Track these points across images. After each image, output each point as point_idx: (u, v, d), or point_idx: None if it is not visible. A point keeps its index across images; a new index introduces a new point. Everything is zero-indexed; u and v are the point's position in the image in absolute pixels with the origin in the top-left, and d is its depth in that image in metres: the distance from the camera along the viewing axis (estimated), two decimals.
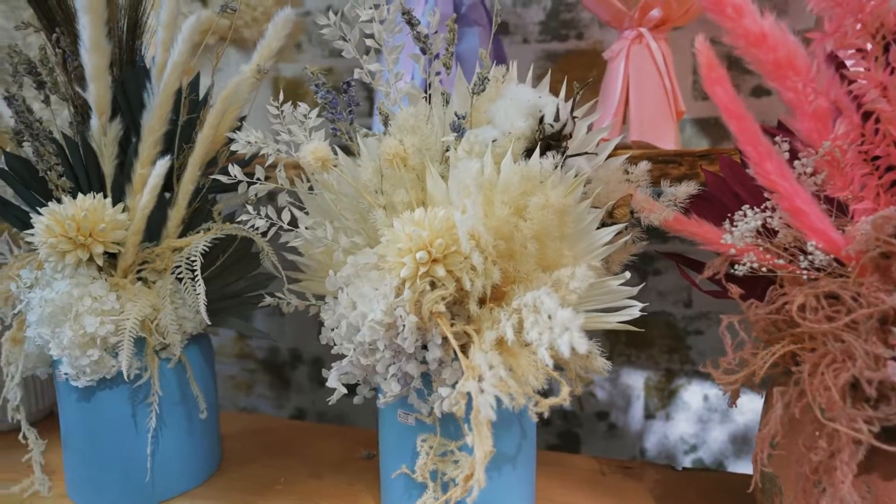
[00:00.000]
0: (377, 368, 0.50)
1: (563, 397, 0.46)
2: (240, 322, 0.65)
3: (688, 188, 0.54)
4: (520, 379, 0.46)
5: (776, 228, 0.49)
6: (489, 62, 0.57)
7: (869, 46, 0.42)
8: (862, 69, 0.42)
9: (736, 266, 0.48)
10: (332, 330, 0.52)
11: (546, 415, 0.46)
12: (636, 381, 1.11)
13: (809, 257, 0.45)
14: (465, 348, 0.48)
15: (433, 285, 0.48)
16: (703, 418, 1.08)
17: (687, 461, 1.08)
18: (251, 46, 0.98)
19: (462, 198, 0.46)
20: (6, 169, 0.58)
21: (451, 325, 0.49)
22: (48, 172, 0.58)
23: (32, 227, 0.55)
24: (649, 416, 1.11)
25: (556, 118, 0.51)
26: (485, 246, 0.47)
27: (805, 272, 0.46)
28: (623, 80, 0.75)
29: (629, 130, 0.74)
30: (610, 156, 0.60)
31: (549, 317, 0.41)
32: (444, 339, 0.49)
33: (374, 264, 0.51)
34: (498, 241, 0.49)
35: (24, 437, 0.63)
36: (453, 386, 0.47)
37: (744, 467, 1.03)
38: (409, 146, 0.54)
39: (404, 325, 0.47)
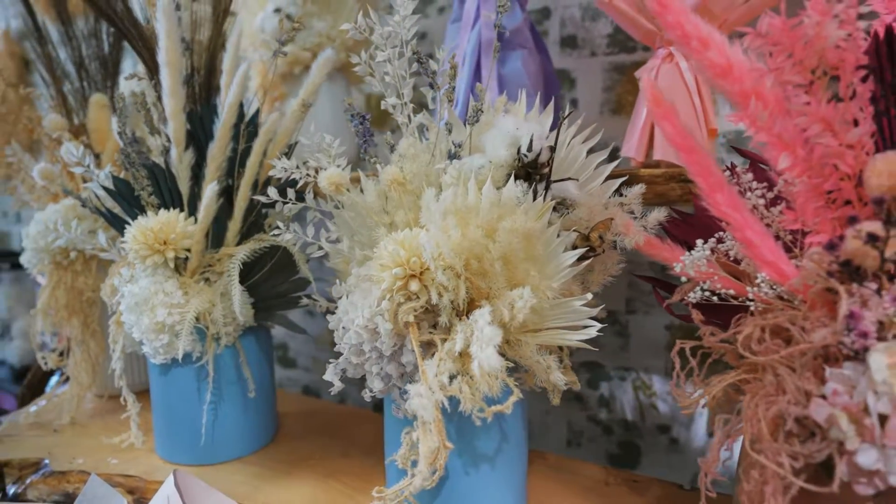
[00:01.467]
0: (365, 367, 0.58)
1: (507, 406, 0.50)
2: (283, 317, 0.77)
3: (658, 214, 0.56)
4: (473, 385, 0.52)
5: (738, 258, 0.49)
6: (484, 95, 0.62)
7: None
8: (804, 103, 0.42)
9: (693, 292, 0.49)
10: (335, 332, 0.61)
11: (489, 419, 0.51)
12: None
13: (755, 289, 0.46)
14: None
15: (410, 298, 0.55)
16: None
17: None
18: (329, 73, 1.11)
19: (428, 222, 0.53)
20: (115, 188, 0.75)
21: (430, 332, 0.56)
22: (141, 192, 0.73)
23: None
24: (712, 433, 1.07)
25: (530, 148, 0.56)
26: (450, 264, 0.53)
27: (751, 302, 0.46)
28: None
29: (654, 149, 0.75)
30: (637, 175, 0.63)
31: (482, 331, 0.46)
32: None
33: (367, 276, 0.59)
34: (471, 261, 0.54)
35: (125, 400, 0.80)
36: None
37: None
38: (408, 172, 0.61)
39: (381, 331, 0.55)
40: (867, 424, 0.37)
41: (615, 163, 0.64)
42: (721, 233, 0.51)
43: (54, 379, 1.06)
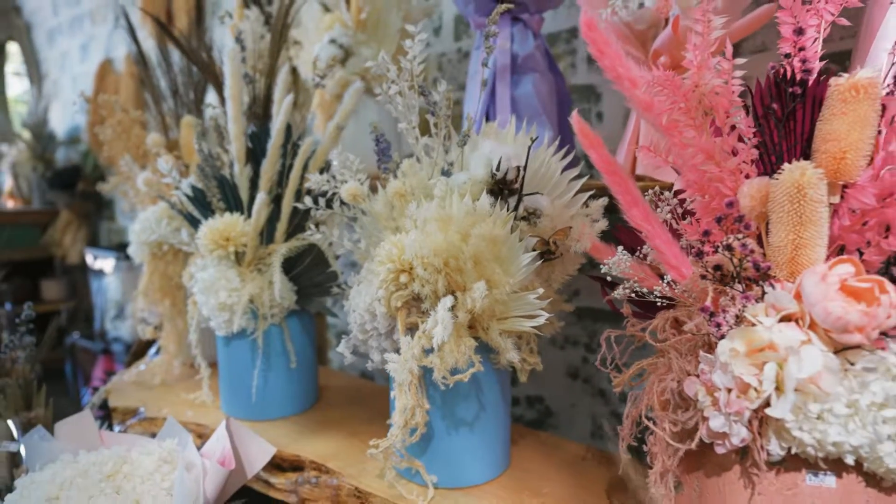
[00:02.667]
0: (368, 343, 0.73)
1: (465, 375, 0.63)
2: (320, 303, 0.93)
3: (601, 224, 0.66)
4: (449, 360, 0.65)
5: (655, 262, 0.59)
6: (472, 120, 0.75)
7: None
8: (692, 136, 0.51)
9: (618, 290, 0.60)
10: (348, 314, 0.76)
11: (450, 385, 0.63)
12: None
13: (659, 287, 0.55)
14: None
15: (400, 288, 0.69)
16: None
17: None
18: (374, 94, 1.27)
19: (412, 227, 0.66)
20: (193, 195, 0.94)
21: (417, 316, 0.69)
22: (212, 198, 0.92)
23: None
24: None
25: (498, 169, 0.68)
26: (430, 262, 0.66)
27: (660, 298, 0.56)
28: (636, 119, 0.85)
29: (637, 165, 0.84)
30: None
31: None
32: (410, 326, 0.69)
33: (371, 270, 0.73)
34: (450, 259, 0.67)
35: (199, 366, 0.99)
36: None
37: None
38: (409, 186, 0.75)
39: (377, 314, 0.69)
40: (716, 396, 0.47)
41: (584, 178, 0.74)
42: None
43: (153, 350, 1.29)
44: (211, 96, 1.25)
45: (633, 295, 0.59)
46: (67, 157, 2.96)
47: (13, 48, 3.27)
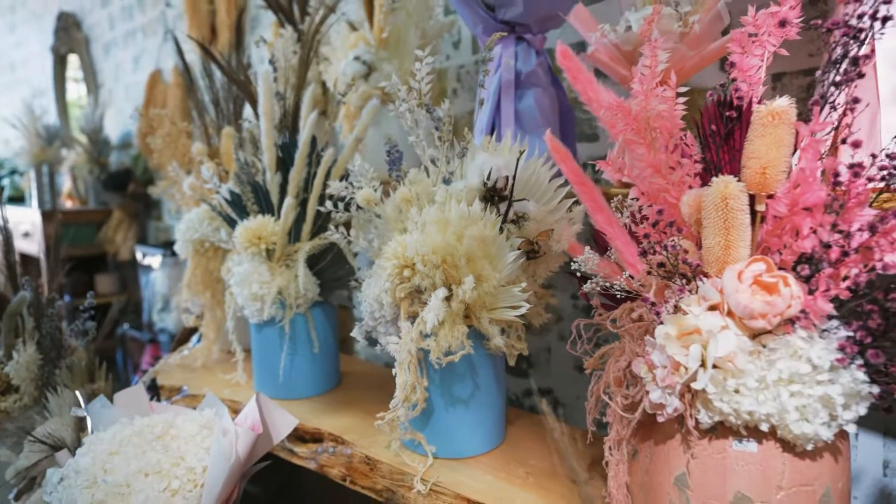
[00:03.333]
0: (377, 328, 0.83)
1: (456, 356, 0.73)
2: (340, 295, 1.04)
3: (576, 227, 0.75)
4: (443, 342, 0.75)
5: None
6: (470, 135, 0.85)
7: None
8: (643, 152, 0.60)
9: (588, 284, 0.69)
10: (361, 303, 0.86)
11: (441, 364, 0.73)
12: None
13: (618, 282, 0.64)
14: None
15: (403, 281, 0.79)
16: None
17: None
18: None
19: (413, 229, 0.77)
20: (228, 200, 1.07)
21: (421, 305, 0.80)
22: (247, 202, 1.04)
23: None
24: None
25: (489, 178, 0.77)
26: (428, 259, 0.76)
27: (619, 292, 0.65)
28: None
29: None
30: (609, 193, 0.82)
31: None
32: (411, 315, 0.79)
33: (380, 265, 0.84)
34: (447, 256, 0.78)
35: (234, 350, 1.12)
36: None
37: None
38: (415, 192, 0.85)
39: (384, 303, 0.80)
40: (655, 373, 0.56)
41: (569, 186, 0.83)
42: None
43: (195, 337, 1.43)
44: (248, 109, 1.38)
45: (600, 288, 0.68)
46: (120, 161, 3.17)
47: (73, 59, 3.52)
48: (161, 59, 2.78)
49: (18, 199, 3.81)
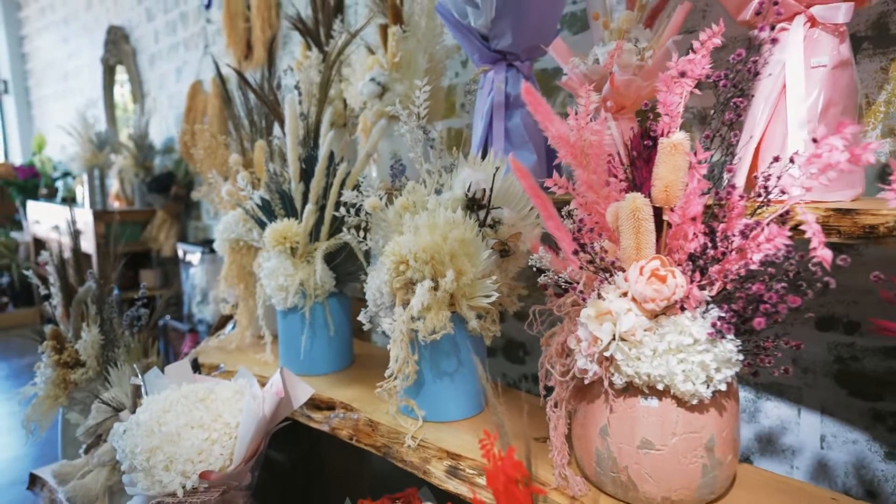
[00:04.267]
0: (379, 314, 1.01)
1: (437, 335, 0.90)
2: (353, 287, 1.22)
3: (539, 230, 0.91)
4: (430, 325, 0.92)
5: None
6: (457, 152, 1.02)
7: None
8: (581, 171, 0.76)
9: (542, 277, 0.85)
10: (367, 292, 1.04)
11: (427, 339, 0.90)
12: None
13: (563, 275, 0.80)
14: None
15: (399, 274, 0.96)
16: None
17: None
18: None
19: (407, 231, 0.94)
20: (259, 205, 1.26)
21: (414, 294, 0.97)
22: (275, 207, 1.23)
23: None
24: None
25: (469, 190, 0.94)
26: (419, 257, 0.93)
27: (565, 283, 0.81)
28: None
29: None
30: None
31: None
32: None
33: (382, 261, 1.01)
34: (435, 255, 0.95)
35: (264, 334, 1.31)
36: None
37: (767, 464, 1.18)
38: (411, 201, 1.02)
39: (384, 292, 0.97)
40: (580, 346, 0.72)
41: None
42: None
43: (230, 324, 1.63)
44: (277, 125, 1.57)
45: (552, 280, 0.84)
46: (163, 165, 3.43)
47: (121, 70, 3.80)
48: (201, 70, 3.02)
49: (70, 199, 4.12)
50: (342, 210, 1.10)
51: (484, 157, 1.06)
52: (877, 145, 0.60)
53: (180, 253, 3.03)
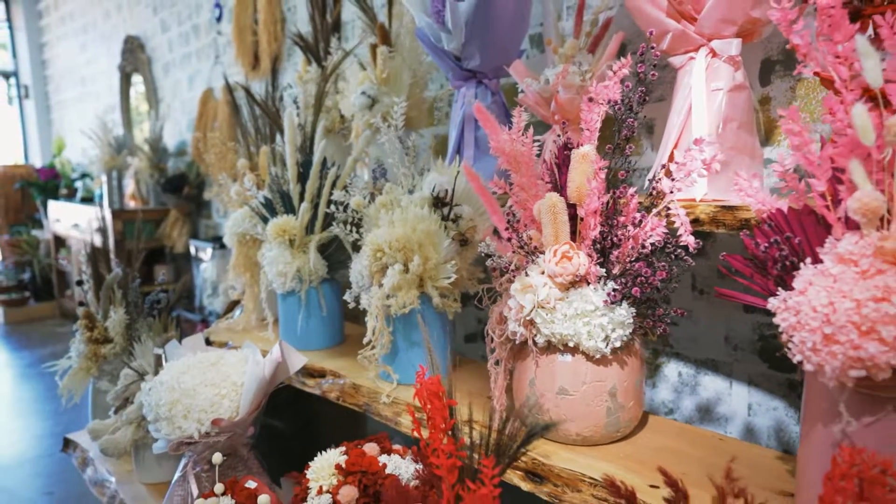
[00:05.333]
0: (361, 293, 1.21)
1: (406, 310, 1.10)
2: (344, 275, 1.42)
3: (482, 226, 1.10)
4: (401, 302, 1.11)
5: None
6: (441, 162, 1.21)
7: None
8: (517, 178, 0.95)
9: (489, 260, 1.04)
10: (352, 275, 1.24)
11: (406, 317, 1.10)
12: None
13: (505, 258, 0.99)
14: None
15: (377, 260, 1.16)
16: (677, 389, 1.46)
17: None
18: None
19: (383, 225, 1.13)
20: (263, 203, 1.46)
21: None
22: (276, 205, 1.43)
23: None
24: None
25: (433, 191, 1.14)
26: (393, 245, 1.13)
27: (506, 265, 1.00)
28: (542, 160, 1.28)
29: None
30: None
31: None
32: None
33: (364, 250, 1.21)
34: (406, 244, 1.14)
35: (266, 315, 1.51)
36: None
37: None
38: (389, 199, 1.22)
39: (364, 275, 1.17)
40: (511, 313, 0.91)
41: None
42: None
43: (238, 309, 1.83)
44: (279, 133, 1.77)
45: (495, 262, 1.03)
46: (176, 167, 3.65)
47: (137, 77, 4.03)
48: (212, 79, 3.23)
49: (88, 199, 4.36)
50: (332, 207, 1.30)
51: (460, 161, 1.26)
52: (723, 157, 0.79)
53: (192, 249, 3.25)
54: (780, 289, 0.68)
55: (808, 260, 0.66)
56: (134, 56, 3.92)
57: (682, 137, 1.03)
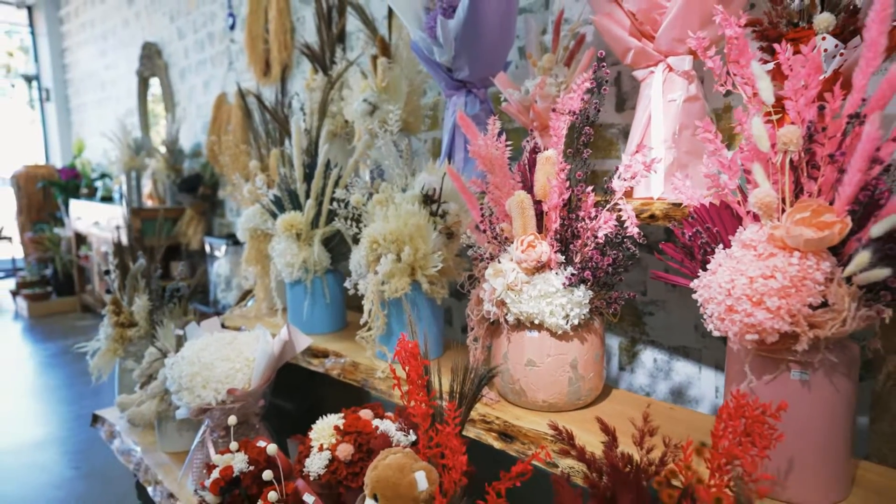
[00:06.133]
0: (360, 281, 1.35)
1: (399, 295, 1.24)
2: (345, 266, 1.57)
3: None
4: (393, 287, 1.25)
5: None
6: (432, 163, 1.35)
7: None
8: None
9: (470, 250, 1.18)
10: (351, 264, 1.38)
11: (403, 303, 1.24)
12: (614, 343, 1.67)
13: (483, 247, 1.13)
14: None
15: (373, 250, 1.30)
16: (653, 374, 1.59)
17: None
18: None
19: (378, 219, 1.28)
20: (273, 200, 1.61)
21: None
22: (285, 203, 1.58)
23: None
24: (622, 368, 1.66)
25: (423, 189, 1.28)
26: (387, 237, 1.27)
27: (485, 253, 1.14)
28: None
29: None
30: None
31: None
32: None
33: (362, 242, 1.35)
34: (399, 236, 1.28)
35: (276, 302, 1.66)
36: None
37: None
38: (384, 197, 1.37)
39: (362, 264, 1.31)
40: (485, 294, 1.05)
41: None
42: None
43: (250, 298, 1.99)
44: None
45: (475, 252, 1.17)
46: (191, 167, 3.82)
47: (154, 81, 4.21)
48: (226, 84, 3.40)
49: (108, 198, 4.55)
50: (335, 204, 1.45)
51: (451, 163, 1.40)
52: (660, 160, 0.92)
53: (207, 246, 3.42)
54: (701, 271, 0.82)
55: (721, 246, 0.80)
56: (152, 62, 4.10)
57: (644, 142, 1.17)
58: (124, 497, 1.94)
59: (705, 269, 0.82)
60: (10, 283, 5.29)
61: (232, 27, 3.24)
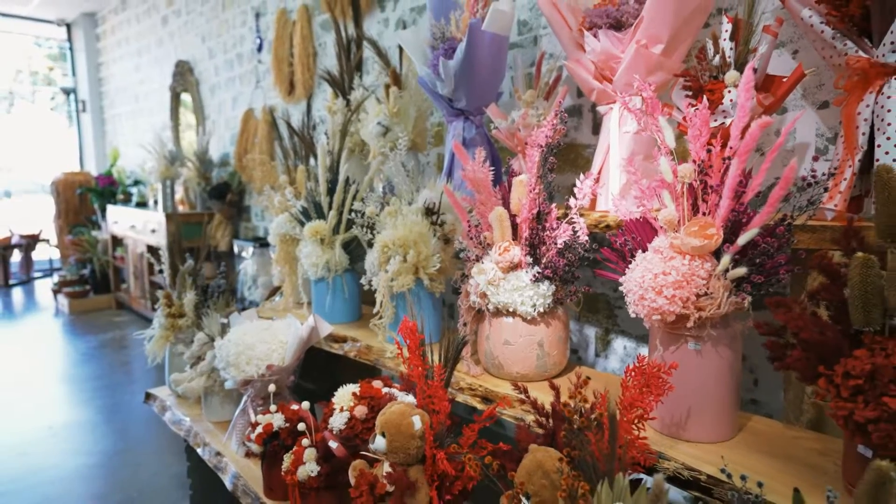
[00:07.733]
0: (373, 278, 1.64)
1: (404, 290, 1.53)
2: (361, 266, 1.86)
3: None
4: (400, 283, 1.54)
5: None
6: (433, 181, 1.64)
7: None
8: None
9: (462, 253, 1.46)
10: (367, 263, 1.67)
11: (408, 296, 1.53)
12: (591, 332, 1.94)
13: (472, 250, 1.42)
14: None
15: (385, 254, 1.59)
16: (623, 360, 1.86)
17: None
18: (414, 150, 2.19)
19: (387, 228, 1.57)
20: (300, 211, 1.90)
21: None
22: (311, 212, 1.88)
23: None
24: (597, 354, 1.93)
25: (425, 203, 1.56)
26: (395, 243, 1.56)
27: (474, 256, 1.42)
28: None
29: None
30: None
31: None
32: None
33: (375, 247, 1.64)
34: (407, 241, 1.57)
35: (301, 297, 1.96)
36: None
37: None
38: (394, 209, 1.65)
39: (375, 264, 1.60)
40: (471, 288, 1.33)
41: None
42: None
43: (279, 295, 2.28)
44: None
45: (466, 255, 1.45)
46: (220, 176, 4.15)
47: (186, 97, 4.55)
48: (253, 100, 3.72)
49: (142, 204, 4.90)
50: (353, 214, 1.74)
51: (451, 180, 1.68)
52: (627, 179, 1.20)
53: (235, 248, 3.73)
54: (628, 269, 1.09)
55: (641, 251, 1.07)
56: (184, 78, 4.45)
57: (604, 166, 1.44)
58: (155, 477, 2.24)
59: None
60: (49, 282, 5.67)
61: (259, 49, 3.56)
